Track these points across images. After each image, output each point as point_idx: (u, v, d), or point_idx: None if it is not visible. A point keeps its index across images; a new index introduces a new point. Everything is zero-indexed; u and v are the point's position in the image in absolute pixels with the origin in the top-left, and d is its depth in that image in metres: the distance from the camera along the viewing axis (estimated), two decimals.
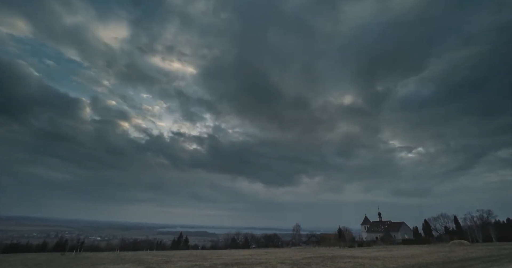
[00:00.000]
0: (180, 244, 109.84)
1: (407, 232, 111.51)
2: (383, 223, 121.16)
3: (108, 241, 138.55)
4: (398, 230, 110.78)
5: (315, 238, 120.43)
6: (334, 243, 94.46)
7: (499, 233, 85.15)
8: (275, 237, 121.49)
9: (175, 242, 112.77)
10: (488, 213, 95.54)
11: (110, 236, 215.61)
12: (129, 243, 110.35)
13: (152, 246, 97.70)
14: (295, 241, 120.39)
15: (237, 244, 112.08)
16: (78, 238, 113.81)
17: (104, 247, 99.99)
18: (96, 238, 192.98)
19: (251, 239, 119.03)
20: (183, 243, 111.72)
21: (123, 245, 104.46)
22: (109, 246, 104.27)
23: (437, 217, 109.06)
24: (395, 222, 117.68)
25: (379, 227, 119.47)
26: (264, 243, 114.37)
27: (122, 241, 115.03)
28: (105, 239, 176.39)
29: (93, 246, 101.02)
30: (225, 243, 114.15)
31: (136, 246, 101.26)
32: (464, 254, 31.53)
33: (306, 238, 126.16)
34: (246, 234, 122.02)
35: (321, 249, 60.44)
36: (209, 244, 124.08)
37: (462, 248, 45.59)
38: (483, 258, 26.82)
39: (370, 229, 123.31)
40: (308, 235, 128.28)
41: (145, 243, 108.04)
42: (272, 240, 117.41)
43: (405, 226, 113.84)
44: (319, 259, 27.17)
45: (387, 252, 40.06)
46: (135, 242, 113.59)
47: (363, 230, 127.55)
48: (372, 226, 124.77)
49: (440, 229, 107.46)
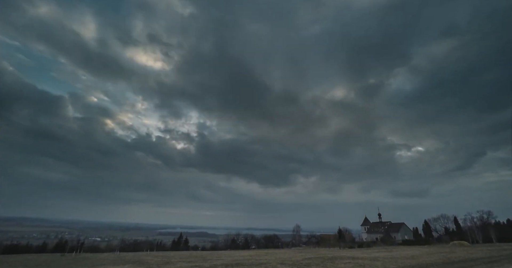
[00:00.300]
0: (180, 245, 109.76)
1: (407, 232, 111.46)
2: (383, 224, 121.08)
3: (108, 242, 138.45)
4: (398, 231, 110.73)
5: (315, 238, 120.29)
6: (334, 243, 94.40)
7: (499, 234, 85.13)
8: (275, 237, 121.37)
9: (175, 242, 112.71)
10: (488, 213, 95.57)
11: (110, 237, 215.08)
12: (129, 244, 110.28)
13: (152, 247, 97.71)
14: (295, 241, 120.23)
15: (237, 245, 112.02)
16: (78, 239, 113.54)
17: (104, 248, 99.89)
18: (96, 239, 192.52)
19: (251, 239, 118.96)
20: (183, 244, 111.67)
21: (123, 245, 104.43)
22: (109, 247, 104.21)
23: (437, 218, 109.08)
24: (395, 223, 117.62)
25: (379, 228, 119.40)
26: (264, 243, 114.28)
27: (122, 241, 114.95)
28: (105, 240, 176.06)
29: (93, 247, 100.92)
30: (225, 244, 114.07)
31: (136, 247, 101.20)
32: (464, 255, 31.55)
33: (306, 238, 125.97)
34: (246, 235, 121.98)
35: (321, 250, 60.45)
36: (209, 245, 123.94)
37: (462, 249, 45.58)
38: (483, 259, 26.84)
39: (370, 230, 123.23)
40: (308, 235, 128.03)
41: (145, 244, 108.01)
42: (272, 241, 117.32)
43: (405, 226, 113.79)
44: (319, 260, 27.19)
45: (387, 253, 40.08)
46: (135, 242, 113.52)
47: (363, 231, 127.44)
48: (372, 226, 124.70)
49: (440, 230, 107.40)
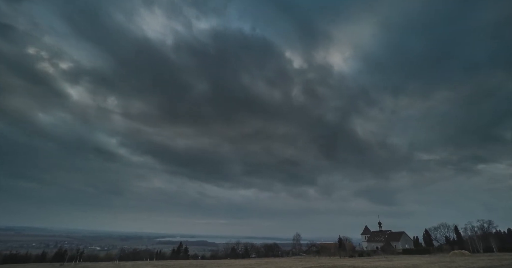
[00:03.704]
0: (180, 254, 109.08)
1: (408, 241, 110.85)
2: (383, 233, 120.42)
3: (108, 251, 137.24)
4: (398, 240, 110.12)
5: (315, 247, 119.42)
6: (335, 252, 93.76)
7: (500, 243, 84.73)
8: (275, 246, 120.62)
9: (175, 251, 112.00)
10: (489, 223, 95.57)
11: (110, 246, 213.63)
12: (129, 253, 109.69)
13: (152, 256, 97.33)
14: (295, 250, 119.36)
15: (237, 254, 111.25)
16: (77, 248, 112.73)
17: (103, 257, 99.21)
18: (95, 248, 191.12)
19: (251, 248, 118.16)
20: (183, 253, 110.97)
21: (123, 255, 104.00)
22: (108, 256, 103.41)
23: (438, 227, 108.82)
24: (396, 232, 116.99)
25: (380, 237, 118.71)
26: (264, 252, 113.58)
27: (122, 250, 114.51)
28: (104, 249, 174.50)
29: (92, 256, 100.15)
30: (225, 253, 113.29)
31: (135, 256, 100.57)
32: (465, 265, 31.74)
33: (306, 247, 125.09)
34: (246, 244, 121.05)
35: (322, 259, 60.32)
36: (209, 254, 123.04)
37: (463, 259, 45.62)
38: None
39: (371, 239, 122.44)
40: (308, 244, 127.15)
41: (145, 253, 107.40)
42: (272, 250, 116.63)
43: (406, 235, 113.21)
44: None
45: (388, 262, 40.16)
46: (135, 251, 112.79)
47: (364, 240, 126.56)
48: (372, 235, 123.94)
49: (440, 239, 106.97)
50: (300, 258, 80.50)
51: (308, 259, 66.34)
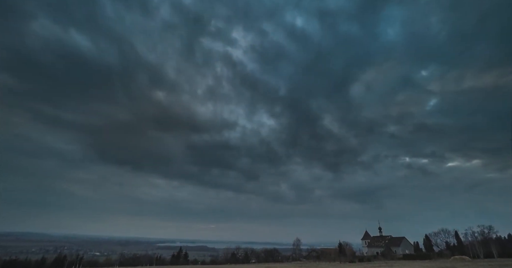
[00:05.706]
0: (180, 259, 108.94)
1: (408, 247, 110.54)
2: (383, 238, 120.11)
3: (107, 256, 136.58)
4: (399, 245, 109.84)
5: (315, 252, 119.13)
6: (335, 258, 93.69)
7: (501, 249, 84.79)
8: (275, 251, 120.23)
9: (175, 257, 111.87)
10: (489, 228, 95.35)
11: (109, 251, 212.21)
12: (128, 258, 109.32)
13: (152, 261, 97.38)
14: (295, 255, 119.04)
15: (237, 259, 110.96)
16: (77, 253, 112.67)
17: (103, 263, 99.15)
18: (95, 253, 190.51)
19: (251, 253, 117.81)
20: (183, 258, 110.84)
21: (122, 260, 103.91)
22: (108, 261, 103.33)
23: (438, 232, 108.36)
24: (396, 237, 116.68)
25: (380, 242, 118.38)
26: (264, 257, 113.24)
27: (121, 256, 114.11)
28: (104, 254, 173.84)
29: (92, 261, 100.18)
30: (225, 258, 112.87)
31: (135, 261, 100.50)
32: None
33: (306, 252, 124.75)
34: (246, 249, 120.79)
35: (322, 264, 60.45)
36: (208, 259, 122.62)
37: (463, 264, 45.82)
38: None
39: (371, 244, 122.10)
40: (309, 249, 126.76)
41: (145, 258, 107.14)
42: (272, 255, 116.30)
43: (406, 241, 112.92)
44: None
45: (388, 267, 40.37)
46: (134, 257, 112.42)
47: (364, 245, 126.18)
48: (372, 241, 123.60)
49: (441, 244, 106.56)
50: (300, 263, 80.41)
51: (308, 264, 66.41)
